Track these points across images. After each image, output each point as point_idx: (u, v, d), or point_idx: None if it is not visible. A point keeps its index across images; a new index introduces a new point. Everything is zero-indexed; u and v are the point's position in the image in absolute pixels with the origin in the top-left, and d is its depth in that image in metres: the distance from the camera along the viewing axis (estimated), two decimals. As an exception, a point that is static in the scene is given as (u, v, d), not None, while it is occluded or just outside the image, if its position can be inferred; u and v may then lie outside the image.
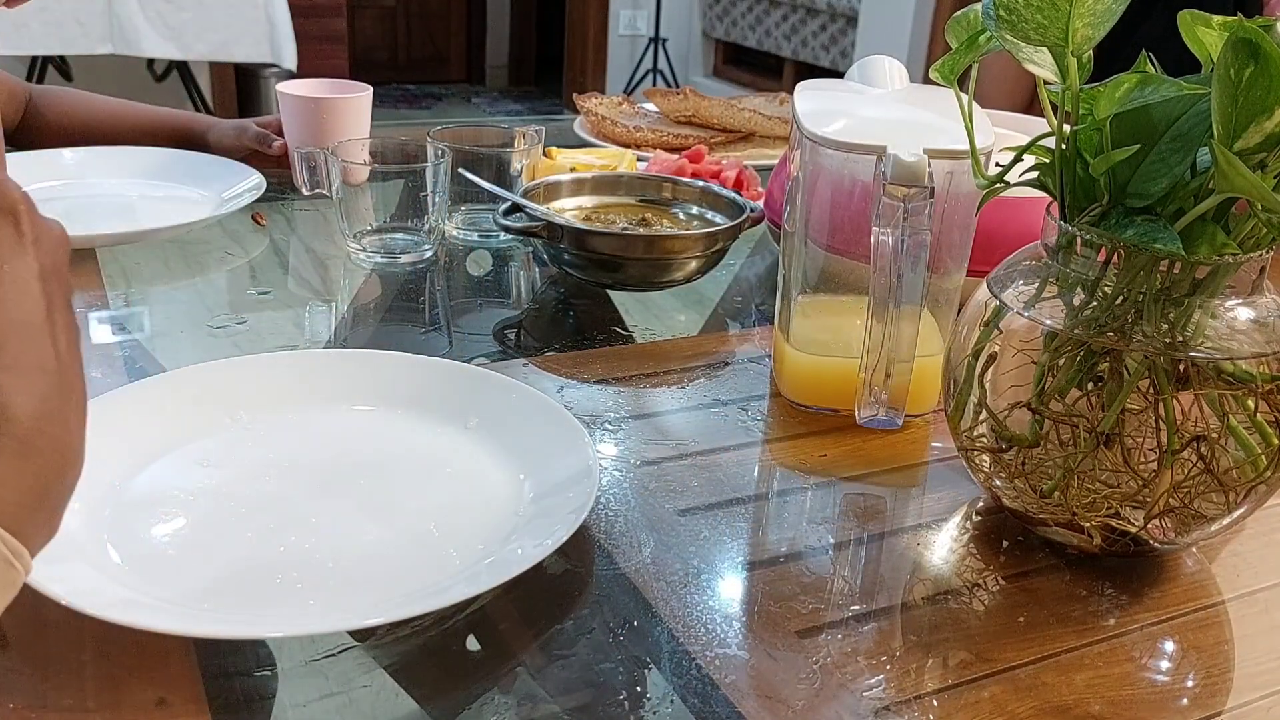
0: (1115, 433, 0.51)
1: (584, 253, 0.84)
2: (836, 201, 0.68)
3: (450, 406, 0.65)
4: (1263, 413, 0.50)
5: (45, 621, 0.47)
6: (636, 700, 0.45)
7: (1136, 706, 0.47)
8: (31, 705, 0.43)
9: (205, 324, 0.80)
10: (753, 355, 0.80)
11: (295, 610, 0.49)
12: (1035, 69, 0.52)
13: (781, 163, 0.97)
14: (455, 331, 0.83)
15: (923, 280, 0.60)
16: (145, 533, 0.53)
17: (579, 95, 1.45)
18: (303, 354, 0.71)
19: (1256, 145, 0.45)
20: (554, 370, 0.75)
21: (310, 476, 0.59)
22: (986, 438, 0.56)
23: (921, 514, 0.61)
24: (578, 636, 0.49)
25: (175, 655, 0.46)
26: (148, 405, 0.61)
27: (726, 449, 0.66)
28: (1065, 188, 0.52)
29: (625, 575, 0.53)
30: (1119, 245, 0.49)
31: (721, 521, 0.58)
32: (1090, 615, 0.53)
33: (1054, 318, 0.53)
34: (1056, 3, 0.48)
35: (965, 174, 0.63)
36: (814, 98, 0.71)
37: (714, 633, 0.50)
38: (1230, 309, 0.51)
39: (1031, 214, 0.60)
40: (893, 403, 0.63)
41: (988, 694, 0.47)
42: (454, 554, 0.53)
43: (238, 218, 1.02)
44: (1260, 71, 0.43)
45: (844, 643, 0.49)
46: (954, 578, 0.55)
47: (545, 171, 1.03)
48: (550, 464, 0.59)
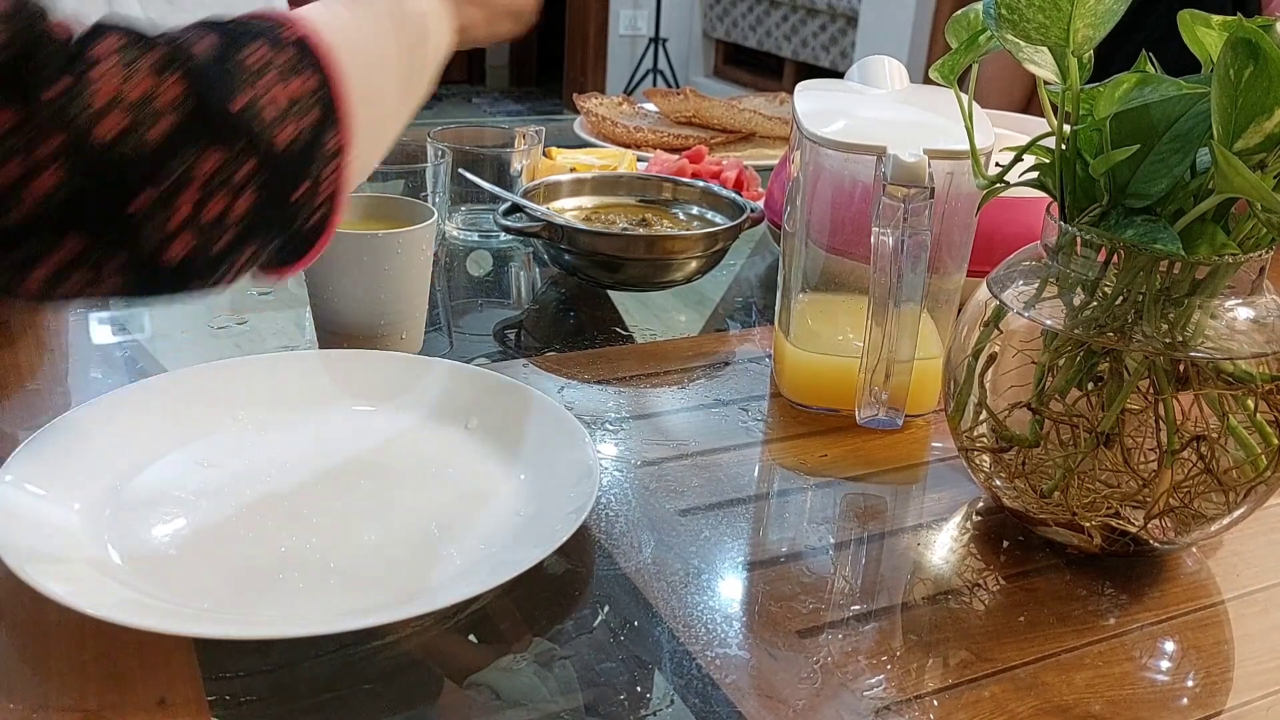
0: (1115, 433, 0.51)
1: (584, 253, 0.84)
2: (836, 202, 0.68)
3: (450, 406, 0.65)
4: (1263, 413, 0.50)
5: (45, 621, 0.47)
6: (637, 700, 0.45)
7: (1136, 706, 0.47)
8: (32, 705, 0.43)
9: (206, 324, 0.80)
10: (753, 355, 0.80)
11: (295, 610, 0.49)
12: (1035, 69, 0.52)
13: (781, 163, 0.97)
14: (455, 331, 0.83)
15: (923, 280, 0.60)
16: (145, 533, 0.53)
17: (579, 95, 1.45)
18: (303, 354, 0.71)
19: (1256, 145, 0.45)
20: (554, 370, 0.75)
21: (310, 476, 0.59)
22: (986, 438, 0.56)
23: (921, 514, 0.61)
24: (578, 636, 0.49)
25: (175, 655, 0.46)
26: (148, 405, 0.61)
27: (727, 449, 0.66)
28: (1065, 188, 0.52)
29: (626, 575, 0.53)
30: (1119, 245, 0.49)
31: (722, 521, 0.58)
32: (1090, 615, 0.53)
33: (1054, 318, 0.53)
34: (1058, 2, 0.48)
35: (965, 174, 0.63)
36: (814, 98, 0.71)
37: (714, 632, 0.50)
38: (1230, 309, 0.51)
39: (1031, 214, 0.60)
40: (893, 403, 0.63)
41: (988, 693, 0.47)
42: (454, 554, 0.53)
43: (238, 218, 1.01)
44: (1260, 71, 0.43)
45: (844, 642, 0.49)
46: (954, 577, 0.55)
47: (545, 171, 1.03)
48: (550, 464, 0.59)
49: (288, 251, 0.49)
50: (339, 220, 0.49)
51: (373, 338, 0.72)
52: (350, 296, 0.71)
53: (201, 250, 0.42)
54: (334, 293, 0.71)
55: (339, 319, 0.72)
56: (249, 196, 0.43)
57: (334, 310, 0.72)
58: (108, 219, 0.40)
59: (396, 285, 0.71)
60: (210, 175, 0.41)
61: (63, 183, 0.39)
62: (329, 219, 0.48)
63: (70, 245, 0.40)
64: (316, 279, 0.71)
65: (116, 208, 0.40)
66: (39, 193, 0.39)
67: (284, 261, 0.49)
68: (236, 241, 0.44)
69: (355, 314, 0.71)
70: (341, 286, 0.71)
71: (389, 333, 0.72)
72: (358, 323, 0.71)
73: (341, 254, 0.69)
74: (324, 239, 0.49)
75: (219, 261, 0.44)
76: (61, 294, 0.42)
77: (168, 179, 0.40)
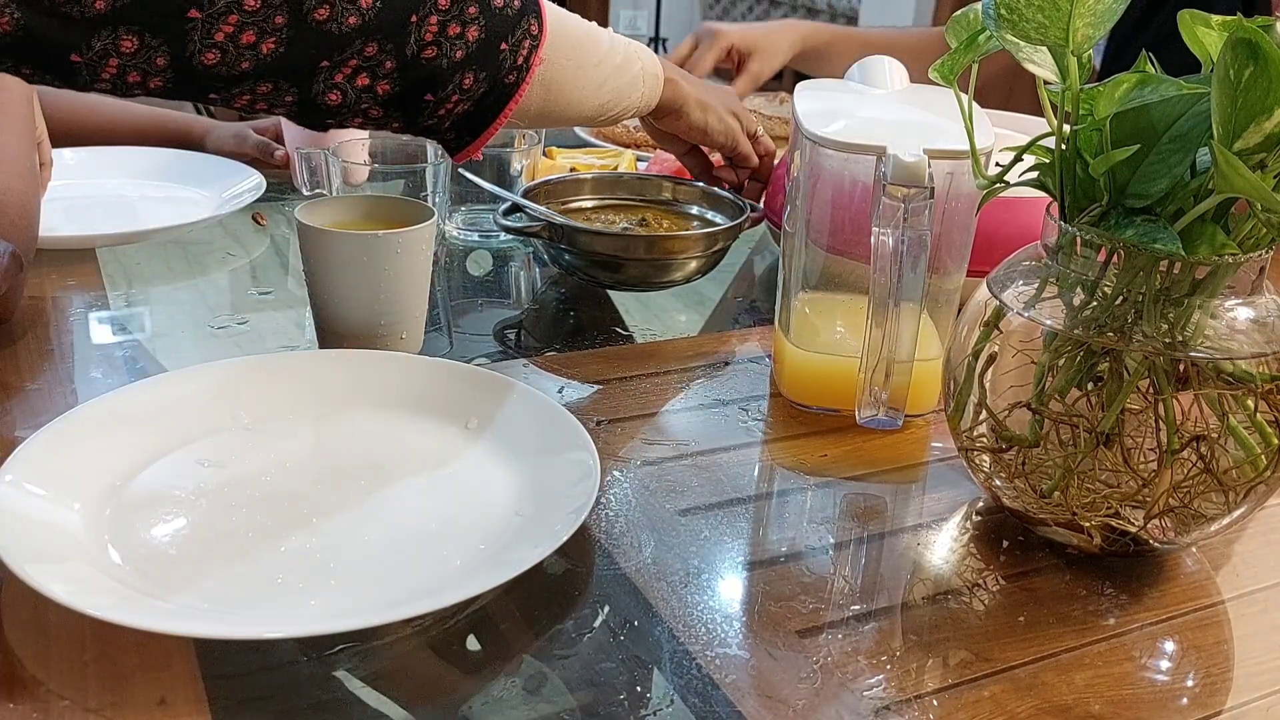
0: (1115, 433, 0.51)
1: (584, 253, 0.84)
2: (836, 202, 0.68)
3: (450, 406, 0.65)
4: (1262, 413, 0.50)
5: (46, 621, 0.47)
6: (637, 700, 0.45)
7: (1136, 706, 0.47)
8: (32, 705, 0.43)
9: (206, 324, 0.80)
10: (753, 355, 0.80)
11: (295, 610, 0.49)
12: (1035, 69, 0.52)
13: (781, 163, 0.97)
14: (455, 331, 0.83)
15: (923, 280, 0.60)
16: (145, 533, 0.53)
17: (579, 95, 1.45)
18: (303, 354, 0.71)
19: (1256, 145, 0.45)
20: (554, 370, 0.75)
21: (310, 476, 0.59)
22: (986, 438, 0.56)
23: (921, 514, 0.61)
24: (578, 636, 0.49)
25: (175, 655, 0.46)
26: (148, 405, 0.61)
27: (727, 449, 0.66)
28: (1065, 188, 0.52)
29: (626, 575, 0.53)
30: (1119, 245, 0.49)
31: (722, 521, 0.58)
32: (1090, 615, 0.53)
33: (1054, 318, 0.53)
34: (1057, 2, 0.48)
35: (965, 174, 0.63)
36: (814, 98, 0.71)
37: (714, 632, 0.50)
38: (1230, 309, 0.51)
39: (1031, 214, 0.60)
40: (893, 403, 0.63)
41: (988, 693, 0.47)
42: (454, 554, 0.53)
43: (238, 218, 1.02)
44: (1260, 71, 0.43)
45: (844, 642, 0.49)
46: (954, 577, 0.55)
47: (545, 171, 1.04)
48: (550, 464, 0.59)
49: (477, 120, 0.65)
50: (523, 95, 0.65)
51: (373, 338, 0.72)
52: (350, 296, 0.71)
53: (445, 56, 0.60)
54: (334, 293, 0.71)
55: (339, 319, 0.72)
56: (475, 30, 0.61)
57: (334, 310, 0.72)
58: (398, 27, 0.58)
59: (396, 285, 0.71)
60: (449, 6, 0.59)
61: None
62: (518, 87, 0.65)
63: (371, 49, 0.58)
64: (316, 279, 0.71)
65: (401, 18, 0.58)
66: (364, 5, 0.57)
67: (475, 128, 0.66)
68: (465, 62, 0.61)
69: (355, 314, 0.71)
70: (341, 286, 0.71)
71: (389, 333, 0.72)
72: (358, 323, 0.71)
73: (341, 254, 0.70)
74: (508, 108, 0.65)
75: (454, 71, 0.61)
76: (355, 88, 0.59)
77: (425, 6, 0.59)
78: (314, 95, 0.58)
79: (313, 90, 0.58)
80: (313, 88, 0.58)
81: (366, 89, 0.59)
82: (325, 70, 0.57)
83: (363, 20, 0.56)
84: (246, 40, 0.54)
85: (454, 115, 0.64)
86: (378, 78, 0.59)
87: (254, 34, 0.54)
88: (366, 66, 0.58)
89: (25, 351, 0.73)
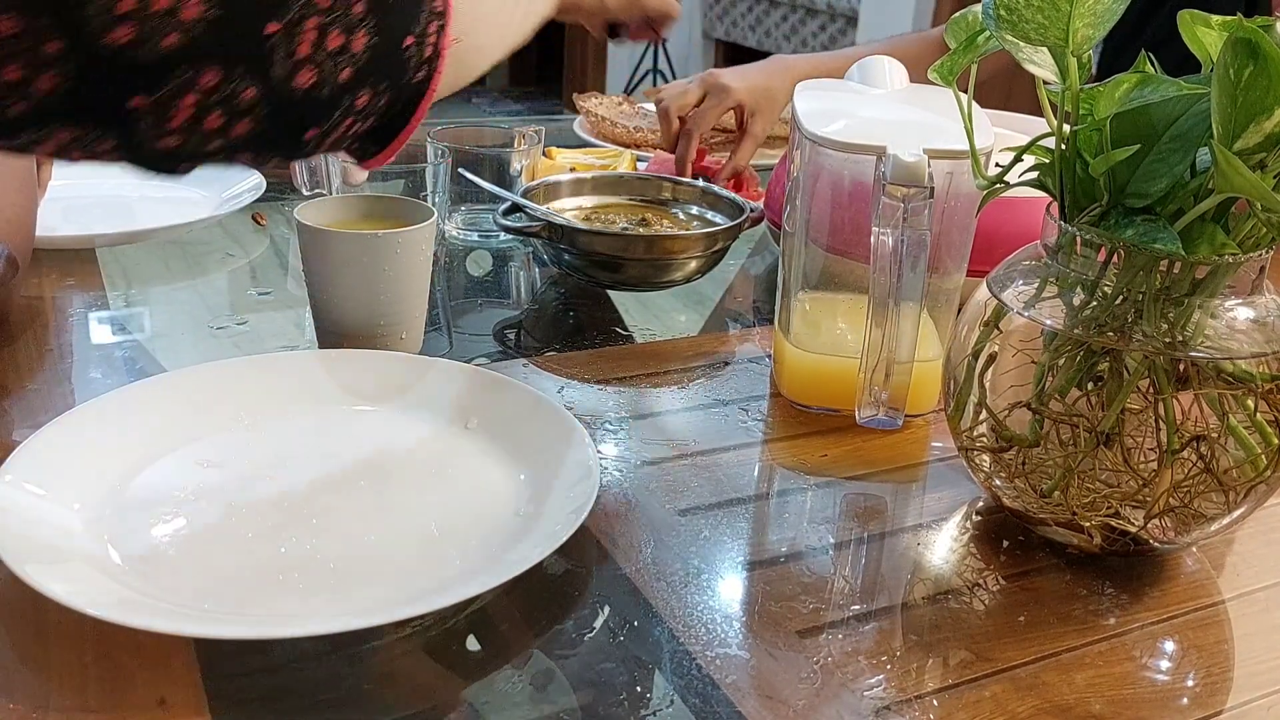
0: (1115, 433, 0.51)
1: (584, 253, 0.84)
2: (836, 201, 0.68)
3: (450, 406, 0.65)
4: (1263, 413, 0.50)
5: (45, 621, 0.47)
6: (637, 700, 0.45)
7: (1137, 706, 0.47)
8: (32, 705, 0.43)
9: (206, 324, 0.80)
10: (753, 355, 0.80)
11: (295, 610, 0.49)
12: (1035, 69, 0.52)
13: (781, 163, 0.97)
14: (455, 331, 0.83)
15: (923, 280, 0.60)
16: (145, 533, 0.53)
17: (579, 95, 1.45)
18: (303, 354, 0.71)
19: (1256, 145, 0.45)
20: (554, 370, 0.75)
21: (310, 477, 0.59)
22: (986, 438, 0.56)
23: (921, 514, 0.61)
24: (578, 637, 0.49)
25: (175, 655, 0.46)
26: (148, 405, 0.61)
27: (726, 449, 0.66)
28: (1065, 188, 0.52)
29: (625, 575, 0.53)
30: (1119, 245, 0.49)
31: (722, 521, 0.58)
32: (1090, 615, 0.53)
33: (1054, 318, 0.53)
34: (1057, 2, 0.48)
35: (965, 174, 0.63)
36: (814, 98, 0.71)
37: (714, 633, 0.50)
38: (1230, 309, 0.51)
39: (1031, 214, 0.60)
40: (893, 403, 0.63)
41: (988, 693, 0.47)
42: (454, 554, 0.53)
43: (238, 218, 1.02)
44: (1260, 71, 0.43)
45: (845, 642, 0.49)
46: (954, 577, 0.55)
47: (545, 171, 1.03)
48: (550, 464, 0.59)
49: (385, 130, 0.51)
50: (436, 89, 0.52)
51: (373, 338, 0.72)
52: (350, 296, 0.71)
53: (326, 81, 0.45)
54: (334, 293, 0.71)
55: (339, 319, 0.72)
56: (363, 35, 0.46)
57: (334, 310, 0.72)
58: (247, 41, 0.42)
59: (396, 285, 0.71)
60: (328, 8, 0.44)
61: (204, 14, 0.40)
62: (429, 81, 0.51)
63: (209, 76, 0.42)
64: (316, 279, 0.71)
65: (253, 29, 0.42)
66: (186, 20, 0.40)
67: (381, 139, 0.52)
68: (355, 80, 0.46)
69: (355, 314, 0.71)
70: (341, 286, 0.71)
71: (389, 333, 0.72)
72: (358, 323, 0.71)
73: (341, 254, 0.70)
74: (420, 109, 0.52)
75: (341, 95, 0.46)
76: (201, 131, 0.44)
77: (292, 9, 0.43)
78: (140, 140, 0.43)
79: (135, 136, 0.42)
80: (135, 132, 0.42)
81: (219, 130, 0.43)
82: (149, 109, 0.41)
83: (188, 38, 0.40)
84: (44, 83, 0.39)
85: (350, 137, 0.50)
86: (235, 115, 0.43)
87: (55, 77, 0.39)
88: (214, 103, 0.42)
89: (24, 352, 0.73)
